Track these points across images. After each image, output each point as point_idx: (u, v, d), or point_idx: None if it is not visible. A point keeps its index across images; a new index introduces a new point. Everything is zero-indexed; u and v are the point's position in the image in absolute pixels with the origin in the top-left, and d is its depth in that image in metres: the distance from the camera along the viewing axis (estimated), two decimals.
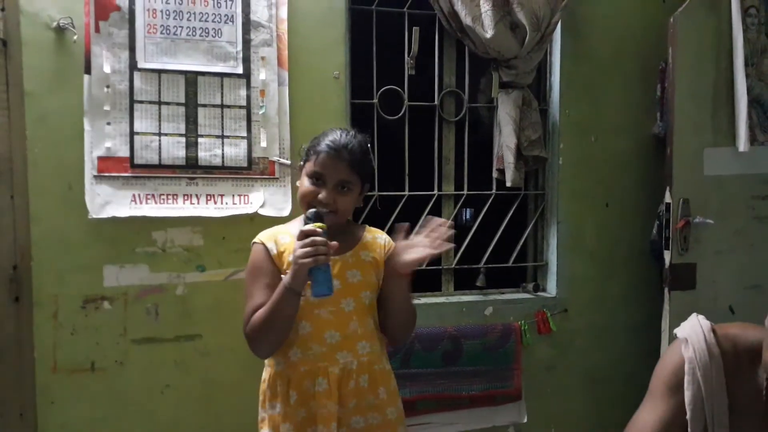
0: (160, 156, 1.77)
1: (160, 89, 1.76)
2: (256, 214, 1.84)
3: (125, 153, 1.74)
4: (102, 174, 1.72)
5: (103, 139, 1.72)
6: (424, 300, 2.13)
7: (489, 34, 1.93)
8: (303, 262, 1.20)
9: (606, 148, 2.20)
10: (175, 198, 1.79)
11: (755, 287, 2.13)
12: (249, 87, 1.83)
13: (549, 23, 1.99)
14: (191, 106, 1.79)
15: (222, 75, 1.81)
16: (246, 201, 1.84)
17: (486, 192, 2.21)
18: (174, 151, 1.78)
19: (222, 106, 1.81)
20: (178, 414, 1.85)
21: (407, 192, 2.11)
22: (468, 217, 3.18)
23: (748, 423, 1.12)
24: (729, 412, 1.11)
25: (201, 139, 1.80)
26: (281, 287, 1.25)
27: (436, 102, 2.14)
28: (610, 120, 2.20)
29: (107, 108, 1.72)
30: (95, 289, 1.77)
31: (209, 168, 1.80)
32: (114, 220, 1.74)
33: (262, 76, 1.83)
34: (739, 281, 2.11)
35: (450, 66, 2.18)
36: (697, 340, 1.14)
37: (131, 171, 1.74)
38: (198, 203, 1.80)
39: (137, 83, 1.74)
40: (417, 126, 2.13)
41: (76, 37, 1.71)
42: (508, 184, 2.07)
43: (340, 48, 1.94)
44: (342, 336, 1.34)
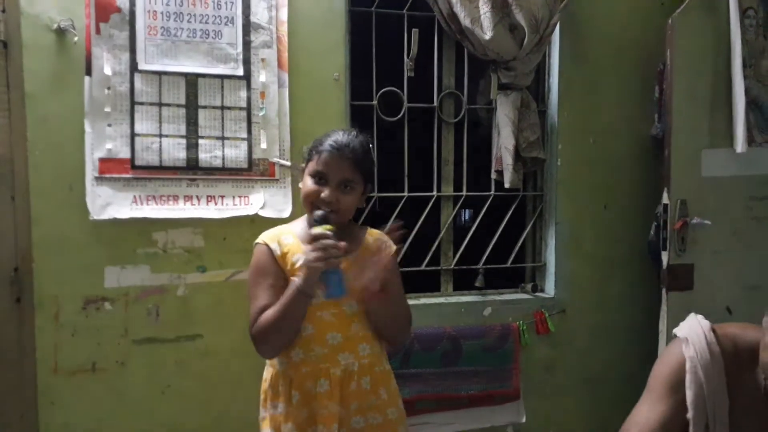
0: (160, 157, 1.77)
1: (160, 91, 1.77)
2: (256, 215, 1.85)
3: (126, 154, 1.75)
4: (103, 175, 1.73)
5: (104, 141, 1.73)
6: (423, 300, 2.13)
7: (488, 35, 1.94)
8: (315, 265, 1.21)
9: (604, 149, 2.21)
10: (176, 199, 1.79)
11: (753, 288, 2.13)
12: (249, 89, 1.83)
13: (548, 25, 2.00)
14: (192, 107, 1.80)
15: (222, 77, 1.81)
16: (246, 202, 1.85)
17: (485, 193, 2.21)
18: (174, 153, 1.78)
19: (222, 107, 1.82)
20: (178, 414, 1.85)
21: (406, 193, 2.11)
22: (467, 218, 3.20)
23: (747, 421, 1.13)
24: (729, 411, 1.12)
25: (201, 141, 1.80)
26: (292, 290, 1.26)
27: (435, 103, 2.15)
28: (608, 121, 2.21)
29: (108, 109, 1.73)
30: (96, 290, 1.77)
31: (210, 169, 1.81)
32: (115, 221, 1.74)
33: (262, 77, 1.84)
34: (737, 282, 2.11)
35: (449, 68, 2.18)
36: (698, 339, 1.14)
37: (132, 172, 1.75)
38: (198, 204, 1.81)
39: (138, 85, 1.75)
40: (416, 127, 2.14)
41: (76, 39, 1.71)
42: (506, 185, 2.08)
43: (339, 50, 1.95)
44: (343, 337, 1.35)
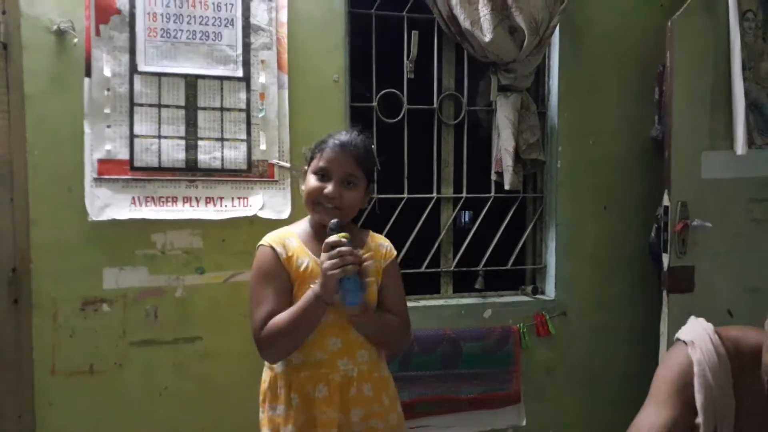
0: (159, 159, 1.77)
1: (160, 92, 1.77)
2: (255, 216, 1.84)
3: (125, 156, 1.74)
4: (102, 177, 1.72)
5: (103, 142, 1.73)
6: (422, 302, 2.13)
7: (488, 37, 1.94)
8: (332, 273, 1.21)
9: (604, 151, 2.21)
10: (175, 201, 1.79)
11: (753, 290, 2.12)
12: (249, 90, 1.83)
13: (547, 27, 2.00)
14: (191, 109, 1.79)
15: (222, 78, 1.81)
16: (245, 204, 1.84)
17: (485, 195, 2.21)
18: (174, 154, 1.78)
19: (222, 109, 1.82)
20: (176, 416, 1.84)
21: (406, 195, 2.11)
22: (467, 220, 3.19)
23: (750, 424, 1.13)
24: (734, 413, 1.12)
25: (201, 142, 1.80)
26: (310, 297, 1.25)
27: (435, 105, 2.15)
28: (608, 123, 2.21)
29: (107, 111, 1.72)
30: (94, 292, 1.77)
31: (209, 171, 1.81)
32: (113, 222, 1.74)
33: (261, 79, 1.84)
34: (737, 284, 2.11)
35: (449, 69, 2.18)
36: (704, 342, 1.14)
37: (131, 174, 1.75)
38: (197, 206, 1.80)
39: (137, 86, 1.75)
40: (416, 129, 2.14)
41: (76, 41, 1.71)
42: (506, 187, 2.08)
43: (339, 51, 1.95)
44: (343, 343, 1.35)
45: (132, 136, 1.75)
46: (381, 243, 1.46)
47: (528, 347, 2.12)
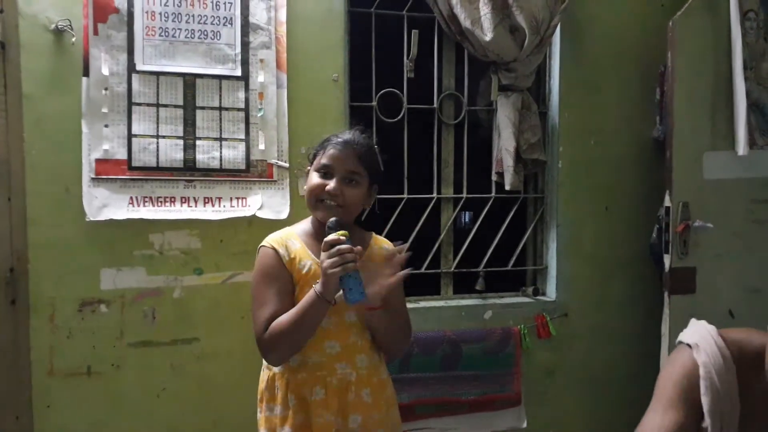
0: (157, 158, 1.76)
1: (158, 91, 1.76)
2: (253, 216, 1.83)
3: (123, 155, 1.73)
4: (99, 176, 1.72)
5: (101, 142, 1.72)
6: (422, 304, 2.11)
7: (488, 37, 1.93)
8: (332, 272, 1.20)
9: (605, 151, 2.20)
10: (173, 201, 1.78)
11: (755, 291, 2.12)
12: (247, 89, 1.82)
13: (548, 26, 1.99)
14: (189, 108, 1.79)
15: (220, 77, 1.80)
16: (244, 204, 1.83)
17: (485, 195, 2.20)
18: (172, 154, 1.77)
19: (220, 108, 1.81)
20: (174, 417, 1.83)
21: (406, 195, 2.10)
22: (467, 221, 3.17)
23: (754, 426, 1.12)
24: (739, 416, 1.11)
25: (199, 142, 1.79)
26: (312, 297, 1.24)
27: (435, 105, 2.14)
28: (609, 123, 2.20)
29: (105, 110, 1.72)
30: (92, 292, 1.76)
31: (207, 171, 1.80)
32: (111, 222, 1.73)
33: (260, 78, 1.83)
34: (739, 285, 2.10)
35: (449, 69, 2.17)
36: (708, 345, 1.13)
37: (129, 173, 1.74)
38: (195, 206, 1.79)
39: (135, 85, 1.74)
40: (416, 129, 2.13)
41: (74, 40, 1.70)
42: (507, 187, 2.07)
43: (339, 51, 1.94)
44: (341, 347, 1.34)
45: (130, 135, 1.74)
46: (384, 246, 1.45)
47: (529, 349, 2.11)
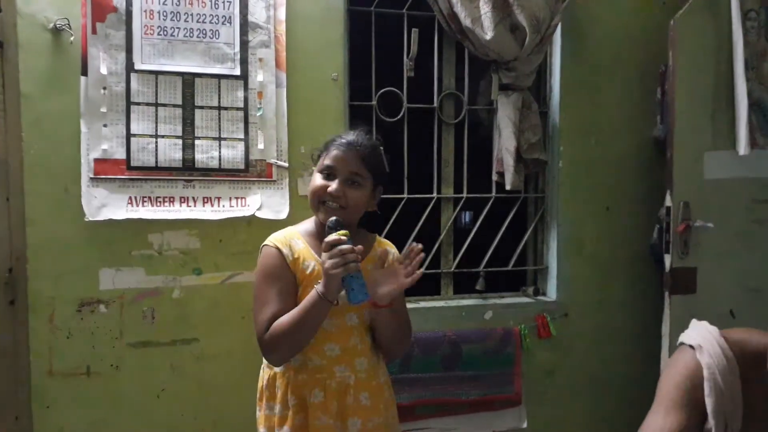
0: (156, 158, 1.75)
1: (157, 91, 1.75)
2: (253, 216, 1.83)
3: (122, 155, 1.73)
4: (98, 176, 1.71)
5: (100, 141, 1.71)
6: (423, 304, 2.11)
7: (489, 35, 1.92)
8: (334, 272, 1.19)
9: (606, 150, 2.19)
10: (172, 201, 1.77)
11: (756, 291, 2.11)
12: (246, 89, 1.82)
13: (549, 25, 1.98)
14: (188, 107, 1.78)
15: (219, 76, 1.80)
16: (243, 204, 1.83)
17: (485, 195, 2.19)
18: (171, 153, 1.76)
19: (219, 107, 1.80)
20: (174, 418, 1.83)
21: (406, 195, 2.09)
22: (467, 221, 3.17)
23: (756, 426, 1.11)
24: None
25: (198, 141, 1.79)
26: (314, 297, 1.23)
27: (435, 104, 2.13)
28: (610, 123, 2.19)
29: (104, 110, 1.71)
30: (91, 293, 1.75)
31: (206, 170, 1.79)
32: (110, 222, 1.72)
33: (259, 77, 1.82)
34: (740, 285, 2.09)
35: (449, 68, 2.17)
36: (711, 345, 1.13)
37: (128, 173, 1.73)
38: (194, 206, 1.79)
39: (134, 85, 1.73)
40: (416, 128, 2.12)
41: (72, 39, 1.70)
42: (507, 187, 2.06)
43: (338, 49, 1.93)
44: (341, 349, 1.34)
45: (129, 135, 1.73)
46: (387, 249, 1.45)
47: (529, 349, 2.11)
